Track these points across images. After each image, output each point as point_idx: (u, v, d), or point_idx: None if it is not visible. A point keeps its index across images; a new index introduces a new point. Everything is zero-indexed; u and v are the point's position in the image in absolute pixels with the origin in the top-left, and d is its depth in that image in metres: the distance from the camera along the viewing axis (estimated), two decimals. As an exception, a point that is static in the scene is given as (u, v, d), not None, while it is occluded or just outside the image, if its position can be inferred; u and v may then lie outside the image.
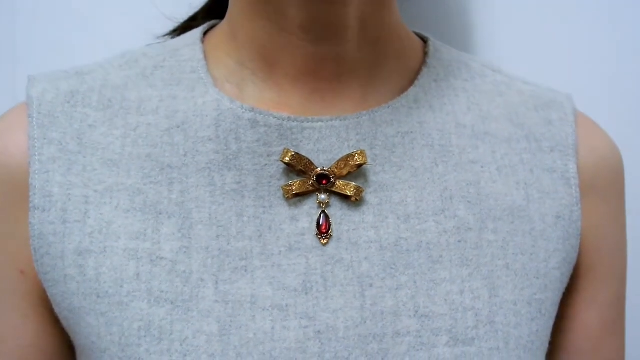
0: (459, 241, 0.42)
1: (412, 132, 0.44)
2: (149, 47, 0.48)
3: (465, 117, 0.46)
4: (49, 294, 0.42)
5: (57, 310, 0.42)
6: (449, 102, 0.47)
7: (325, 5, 0.41)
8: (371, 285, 0.41)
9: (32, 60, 0.63)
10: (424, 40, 0.50)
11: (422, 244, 0.42)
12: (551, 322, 0.44)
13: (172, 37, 0.56)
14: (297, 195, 0.42)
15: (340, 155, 0.43)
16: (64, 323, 0.42)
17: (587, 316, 0.48)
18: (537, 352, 0.42)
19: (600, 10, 0.65)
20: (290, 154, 0.41)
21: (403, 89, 0.46)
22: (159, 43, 0.50)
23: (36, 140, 0.42)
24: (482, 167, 0.45)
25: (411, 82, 0.47)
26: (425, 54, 0.48)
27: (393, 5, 0.45)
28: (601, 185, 0.47)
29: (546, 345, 0.43)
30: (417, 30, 0.51)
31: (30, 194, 0.41)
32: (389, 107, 0.44)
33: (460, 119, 0.46)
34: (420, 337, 0.40)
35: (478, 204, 0.43)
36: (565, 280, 0.45)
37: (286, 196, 0.42)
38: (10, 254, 0.42)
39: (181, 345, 0.38)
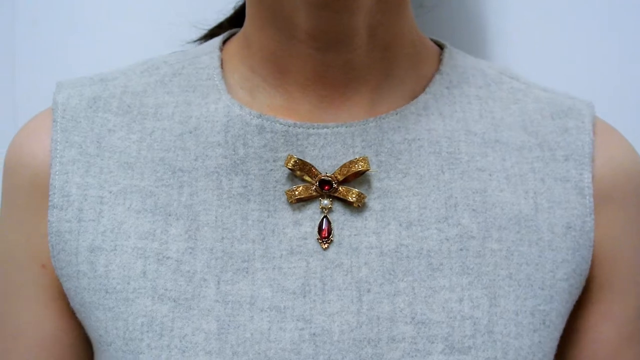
0: (461, 249, 0.42)
1: (419, 139, 0.44)
2: (171, 54, 0.50)
3: (476, 124, 0.46)
4: (64, 289, 0.44)
5: (71, 304, 0.44)
6: (460, 109, 0.46)
7: (331, 14, 0.41)
8: (369, 291, 0.41)
9: (32, 65, 0.63)
10: (441, 47, 0.50)
11: (422, 251, 0.42)
12: (557, 334, 0.43)
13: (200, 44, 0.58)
14: (300, 200, 0.43)
15: (345, 162, 0.43)
16: (78, 317, 0.44)
17: (603, 329, 0.46)
18: None
19: (617, 13, 0.63)
20: (293, 160, 0.42)
21: (415, 96, 0.46)
22: (181, 51, 0.52)
23: (58, 143, 0.45)
24: (490, 175, 0.44)
25: (424, 88, 0.47)
26: (440, 60, 0.48)
27: (406, 12, 0.45)
28: (619, 195, 0.46)
29: (550, 357, 0.43)
30: (435, 37, 0.51)
31: (50, 193, 0.44)
32: (396, 114, 0.45)
33: (470, 127, 0.46)
34: (415, 343, 0.40)
35: (483, 212, 0.43)
36: (575, 292, 0.44)
37: (290, 201, 0.43)
38: (33, 249, 0.45)
39: (180, 341, 0.40)
